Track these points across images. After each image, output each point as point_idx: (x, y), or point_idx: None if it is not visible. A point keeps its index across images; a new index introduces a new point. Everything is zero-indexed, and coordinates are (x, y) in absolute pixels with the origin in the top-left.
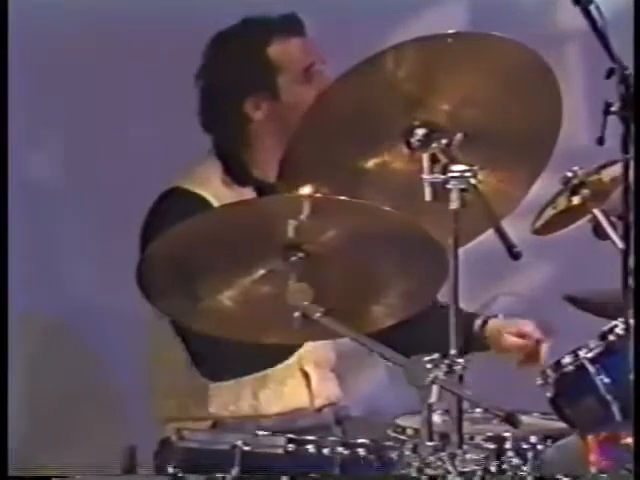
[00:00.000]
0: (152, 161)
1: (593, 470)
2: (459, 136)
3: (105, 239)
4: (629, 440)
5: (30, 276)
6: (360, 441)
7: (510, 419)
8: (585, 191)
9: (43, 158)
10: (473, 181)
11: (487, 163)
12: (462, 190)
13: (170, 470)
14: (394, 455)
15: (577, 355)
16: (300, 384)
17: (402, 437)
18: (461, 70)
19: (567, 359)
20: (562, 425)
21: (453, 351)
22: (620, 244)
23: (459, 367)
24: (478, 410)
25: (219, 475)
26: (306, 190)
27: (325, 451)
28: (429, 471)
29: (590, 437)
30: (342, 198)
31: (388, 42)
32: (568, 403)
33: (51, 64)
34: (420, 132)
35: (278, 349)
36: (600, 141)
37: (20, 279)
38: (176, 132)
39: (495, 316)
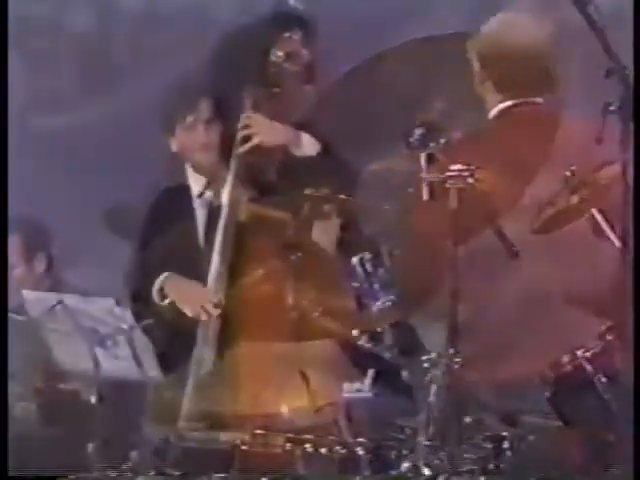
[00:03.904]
0: (152, 160)
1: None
2: (457, 135)
3: (104, 239)
4: (610, 437)
5: None
6: (359, 440)
7: (509, 419)
8: (584, 190)
9: (43, 158)
10: (471, 180)
11: (485, 162)
12: (460, 189)
13: (170, 470)
14: (392, 454)
15: (575, 355)
16: (299, 384)
17: (401, 437)
18: (460, 70)
19: (566, 358)
20: (560, 424)
21: (451, 350)
22: (618, 243)
23: (457, 366)
24: None
25: (219, 475)
26: (306, 190)
27: (324, 450)
28: (428, 470)
29: (572, 432)
30: (342, 198)
31: (389, 42)
32: (566, 402)
33: (51, 58)
34: (419, 132)
35: None
36: (599, 141)
37: None
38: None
39: None
